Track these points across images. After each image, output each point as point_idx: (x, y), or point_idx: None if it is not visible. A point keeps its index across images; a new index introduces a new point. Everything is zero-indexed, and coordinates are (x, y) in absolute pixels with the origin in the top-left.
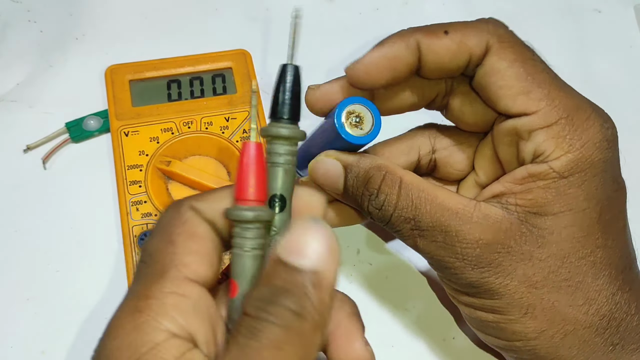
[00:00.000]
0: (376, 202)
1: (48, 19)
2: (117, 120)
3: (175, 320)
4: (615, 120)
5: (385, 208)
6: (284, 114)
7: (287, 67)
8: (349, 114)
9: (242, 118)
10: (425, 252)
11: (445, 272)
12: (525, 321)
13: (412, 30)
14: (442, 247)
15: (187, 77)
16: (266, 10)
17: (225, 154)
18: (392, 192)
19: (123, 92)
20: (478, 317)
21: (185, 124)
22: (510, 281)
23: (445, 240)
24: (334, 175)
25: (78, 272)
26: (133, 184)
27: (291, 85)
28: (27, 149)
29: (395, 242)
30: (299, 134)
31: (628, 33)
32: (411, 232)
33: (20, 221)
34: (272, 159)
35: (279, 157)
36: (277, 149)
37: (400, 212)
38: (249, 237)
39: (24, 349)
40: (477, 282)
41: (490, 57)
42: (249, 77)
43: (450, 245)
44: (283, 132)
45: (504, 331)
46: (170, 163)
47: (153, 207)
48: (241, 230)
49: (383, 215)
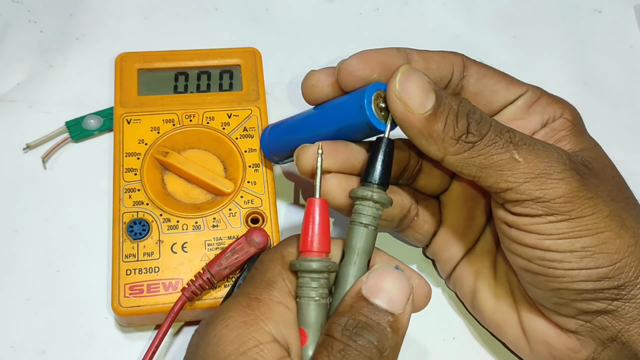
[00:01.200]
0: (476, 116)
1: (48, 19)
2: (121, 108)
3: (278, 327)
4: (616, 120)
5: (484, 121)
6: (376, 180)
7: (383, 140)
8: (378, 96)
9: (244, 116)
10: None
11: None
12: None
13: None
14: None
15: (195, 70)
16: (266, 10)
17: (224, 150)
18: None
19: (131, 80)
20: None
21: (187, 117)
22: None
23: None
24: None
25: (78, 272)
26: (129, 171)
27: (386, 157)
28: (26, 148)
29: (396, 242)
30: (388, 200)
31: (628, 33)
32: (508, 144)
33: (20, 221)
34: (357, 218)
35: (364, 217)
36: (364, 210)
37: (497, 124)
38: (314, 287)
39: (24, 349)
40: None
41: (471, 67)
42: (256, 75)
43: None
44: (374, 196)
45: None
46: (168, 154)
47: (145, 196)
48: (309, 280)
49: (481, 129)
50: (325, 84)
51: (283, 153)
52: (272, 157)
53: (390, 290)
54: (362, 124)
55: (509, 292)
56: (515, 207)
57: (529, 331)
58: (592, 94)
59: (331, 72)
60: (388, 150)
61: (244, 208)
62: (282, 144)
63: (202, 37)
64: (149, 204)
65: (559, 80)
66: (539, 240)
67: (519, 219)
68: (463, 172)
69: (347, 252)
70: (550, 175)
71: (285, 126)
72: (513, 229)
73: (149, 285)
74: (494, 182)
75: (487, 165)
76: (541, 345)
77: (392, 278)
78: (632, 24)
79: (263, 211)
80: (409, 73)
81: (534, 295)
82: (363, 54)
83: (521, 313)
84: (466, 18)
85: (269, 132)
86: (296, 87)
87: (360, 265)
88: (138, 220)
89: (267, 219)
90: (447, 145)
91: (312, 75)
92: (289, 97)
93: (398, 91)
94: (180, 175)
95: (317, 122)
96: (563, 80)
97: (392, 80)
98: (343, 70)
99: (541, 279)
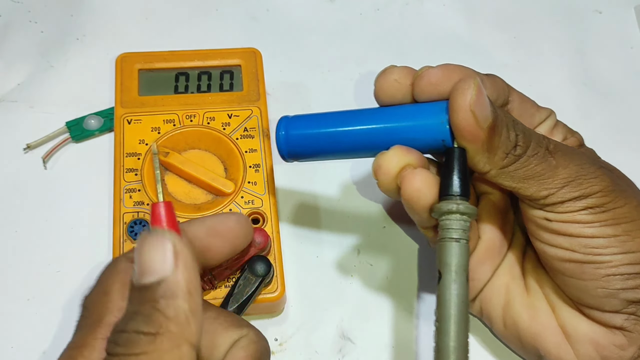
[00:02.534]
0: (520, 127)
1: (49, 19)
2: (122, 108)
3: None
4: (616, 120)
5: (527, 132)
6: (458, 192)
7: (456, 150)
8: None
9: (245, 116)
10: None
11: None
12: None
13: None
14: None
15: (195, 71)
16: (267, 10)
17: (225, 150)
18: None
19: (131, 81)
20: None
21: (188, 117)
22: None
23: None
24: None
25: (78, 272)
26: (129, 171)
27: (462, 167)
28: (27, 148)
29: (396, 242)
30: (474, 210)
31: (629, 34)
32: (546, 153)
33: (20, 221)
34: (446, 234)
35: (453, 232)
36: (452, 225)
37: (535, 133)
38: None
39: (24, 349)
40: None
41: (512, 91)
42: (256, 76)
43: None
44: (461, 208)
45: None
46: (169, 154)
47: (146, 196)
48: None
49: (526, 140)
50: (407, 82)
51: (312, 149)
52: (289, 153)
53: (153, 261)
54: (436, 139)
55: (543, 300)
56: (556, 207)
57: (572, 334)
58: (592, 95)
59: (410, 72)
60: (463, 160)
61: (245, 208)
62: (315, 139)
63: (202, 37)
64: (150, 204)
65: (559, 80)
66: (581, 228)
67: (559, 215)
68: (503, 184)
69: (444, 270)
70: (585, 176)
71: (322, 119)
72: (554, 222)
73: None
74: (534, 191)
75: (530, 176)
76: (588, 346)
77: (150, 248)
78: (633, 25)
79: (263, 211)
80: (481, 86)
81: (577, 293)
82: (447, 68)
83: (561, 318)
84: (467, 18)
85: (291, 124)
86: (296, 87)
87: (460, 282)
88: (139, 220)
89: (268, 219)
90: (499, 158)
91: (394, 70)
92: (289, 98)
93: (473, 104)
94: (181, 176)
95: (377, 123)
96: (563, 80)
97: (465, 93)
98: (425, 78)
99: (587, 268)
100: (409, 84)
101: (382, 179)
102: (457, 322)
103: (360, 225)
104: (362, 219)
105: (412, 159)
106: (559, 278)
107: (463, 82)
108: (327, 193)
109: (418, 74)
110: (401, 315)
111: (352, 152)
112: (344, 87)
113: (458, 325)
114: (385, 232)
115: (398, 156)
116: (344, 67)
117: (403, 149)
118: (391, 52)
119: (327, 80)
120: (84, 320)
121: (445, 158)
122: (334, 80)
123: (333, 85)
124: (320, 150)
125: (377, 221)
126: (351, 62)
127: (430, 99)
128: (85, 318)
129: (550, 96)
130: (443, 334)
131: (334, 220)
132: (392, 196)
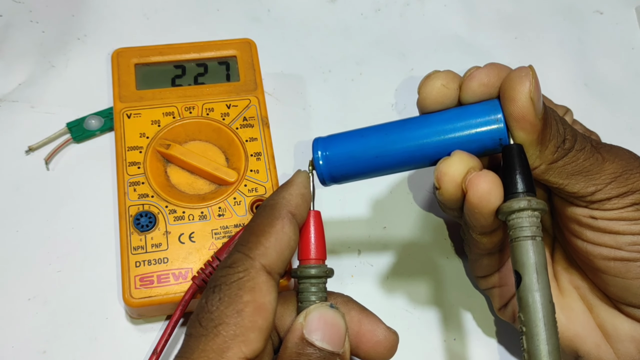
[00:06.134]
0: (565, 121)
1: (50, 20)
2: (121, 103)
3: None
4: (617, 120)
5: (572, 127)
6: (525, 188)
7: (515, 147)
8: None
9: (243, 106)
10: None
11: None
12: None
13: None
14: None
15: (192, 63)
16: (268, 11)
17: (225, 140)
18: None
19: (128, 75)
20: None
21: (187, 109)
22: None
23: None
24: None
25: (79, 272)
26: (132, 165)
27: (524, 162)
28: (29, 151)
29: (396, 243)
30: (545, 205)
31: (630, 34)
32: (592, 148)
33: (22, 222)
34: (520, 233)
35: (527, 229)
36: (524, 222)
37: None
38: (314, 291)
39: (25, 349)
40: None
41: None
42: (252, 66)
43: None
44: (532, 204)
45: None
46: (170, 146)
47: (150, 189)
48: (309, 285)
49: (574, 134)
50: (455, 86)
51: (357, 169)
52: (331, 177)
53: (331, 330)
54: (493, 138)
55: (579, 300)
56: (602, 204)
57: (613, 334)
58: (592, 95)
59: (456, 76)
60: (523, 156)
61: (249, 196)
62: (359, 158)
63: (203, 37)
64: (154, 196)
65: (560, 81)
66: (629, 225)
67: (605, 213)
68: (550, 180)
69: (525, 272)
70: (631, 170)
71: (362, 136)
72: (600, 220)
73: (159, 275)
74: (581, 187)
75: (578, 172)
76: (629, 344)
77: (331, 317)
78: (633, 25)
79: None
80: (536, 74)
81: (619, 292)
82: (497, 67)
83: (599, 317)
84: (467, 19)
85: (329, 145)
86: (297, 87)
87: (544, 281)
88: (144, 212)
89: None
90: (549, 152)
91: (439, 75)
92: (290, 98)
93: (533, 91)
94: (183, 167)
95: (427, 131)
96: (564, 81)
97: (523, 81)
98: (476, 79)
99: (632, 267)
100: (457, 87)
101: (446, 187)
102: (548, 325)
103: (361, 226)
104: (363, 219)
105: (475, 163)
106: (600, 277)
107: (520, 71)
108: (327, 193)
109: (467, 76)
110: (401, 315)
111: (402, 166)
112: (344, 87)
113: (549, 328)
114: (385, 232)
115: (462, 161)
116: (345, 67)
117: (465, 153)
118: (392, 52)
119: (327, 80)
120: (206, 339)
121: (503, 158)
122: (334, 80)
123: (333, 85)
124: (367, 168)
125: (377, 221)
126: (351, 62)
127: (479, 100)
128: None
129: (552, 97)
130: (534, 339)
131: (335, 220)
132: (452, 204)
